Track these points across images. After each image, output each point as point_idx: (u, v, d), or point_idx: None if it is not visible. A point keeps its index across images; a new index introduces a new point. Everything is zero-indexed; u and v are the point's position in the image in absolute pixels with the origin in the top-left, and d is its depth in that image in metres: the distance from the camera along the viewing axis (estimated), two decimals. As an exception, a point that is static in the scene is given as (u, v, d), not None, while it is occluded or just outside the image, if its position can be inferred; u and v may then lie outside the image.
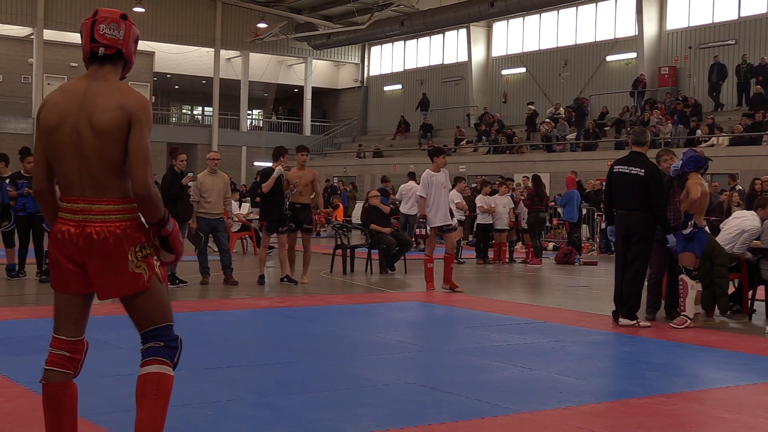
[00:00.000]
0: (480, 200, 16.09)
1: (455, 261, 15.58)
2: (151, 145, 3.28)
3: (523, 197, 17.19)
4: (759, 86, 23.78)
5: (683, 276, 8.23)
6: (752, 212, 9.42)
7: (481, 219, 16.10)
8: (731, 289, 9.54)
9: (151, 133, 3.27)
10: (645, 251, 8.29)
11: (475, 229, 16.66)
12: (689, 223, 8.20)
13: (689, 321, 8.18)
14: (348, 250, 13.46)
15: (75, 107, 3.23)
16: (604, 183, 19.61)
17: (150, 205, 3.21)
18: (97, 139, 3.19)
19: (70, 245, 3.23)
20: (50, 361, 3.32)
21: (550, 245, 19.35)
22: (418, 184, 19.20)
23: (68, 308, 3.34)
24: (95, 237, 3.19)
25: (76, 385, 3.39)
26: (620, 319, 8.26)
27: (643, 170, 8.25)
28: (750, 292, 9.45)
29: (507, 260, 16.41)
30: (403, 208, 17.73)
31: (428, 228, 10.95)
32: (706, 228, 8.80)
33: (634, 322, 8.18)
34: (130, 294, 3.26)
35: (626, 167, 8.38)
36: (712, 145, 22.01)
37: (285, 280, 11.39)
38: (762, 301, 9.62)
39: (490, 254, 16.36)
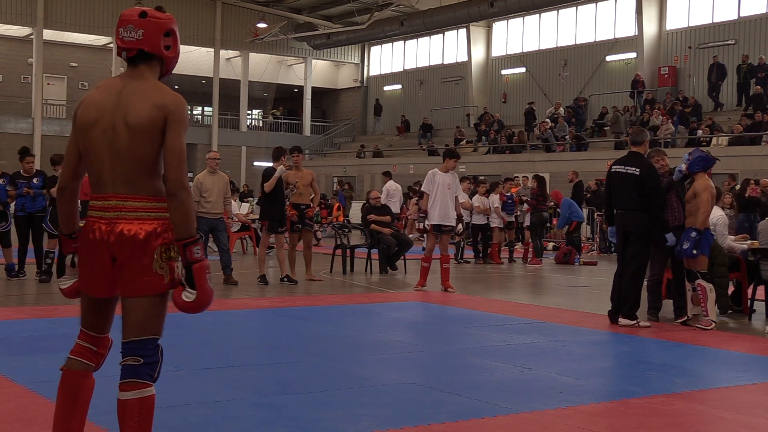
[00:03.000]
0: (477, 200, 16.08)
1: (456, 261, 15.69)
2: None
3: (525, 197, 17.20)
4: (759, 86, 23.77)
5: (701, 281, 8.22)
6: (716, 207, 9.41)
7: (476, 219, 16.09)
8: (730, 289, 9.55)
9: (186, 133, 3.26)
10: (642, 251, 8.29)
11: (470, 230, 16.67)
12: (692, 235, 8.20)
13: (714, 324, 8.21)
14: (348, 250, 13.46)
15: (111, 105, 3.23)
16: (599, 183, 19.83)
17: (179, 208, 3.15)
18: (131, 137, 3.18)
19: (101, 244, 3.20)
20: (76, 351, 3.33)
21: (550, 245, 19.36)
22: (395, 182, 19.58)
23: (94, 307, 3.34)
24: (126, 233, 3.16)
25: (95, 380, 3.38)
26: (620, 319, 8.26)
27: (638, 169, 8.28)
28: (750, 292, 9.46)
29: (502, 260, 16.48)
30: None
31: (426, 224, 10.96)
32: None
33: (634, 322, 8.18)
34: (147, 294, 3.20)
35: (623, 167, 8.42)
36: (710, 145, 21.99)
37: (285, 280, 11.41)
38: (762, 301, 9.62)
39: (492, 254, 16.39)
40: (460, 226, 11.49)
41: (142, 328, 3.22)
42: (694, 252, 8.20)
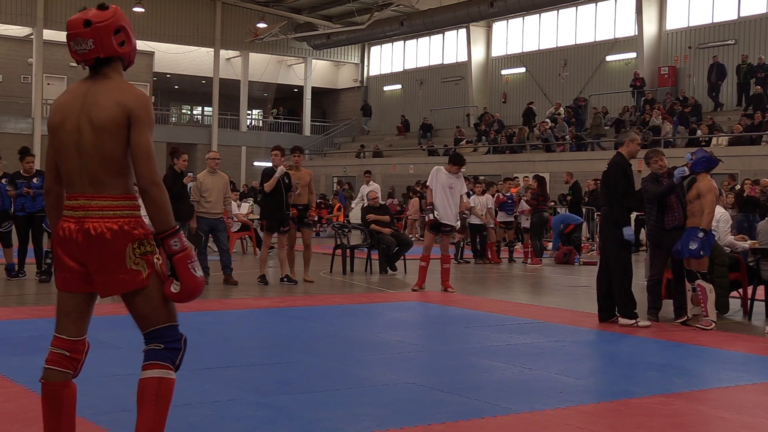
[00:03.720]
0: (474, 201, 16.04)
1: (456, 261, 15.68)
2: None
3: (525, 198, 17.20)
4: (759, 86, 23.77)
5: (700, 282, 8.22)
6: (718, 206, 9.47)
7: (473, 219, 16.06)
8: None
9: (152, 131, 3.28)
10: (621, 249, 8.32)
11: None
12: (699, 235, 8.20)
13: (714, 324, 8.21)
14: (348, 250, 13.46)
15: (77, 106, 3.28)
16: (596, 182, 19.81)
17: (152, 204, 3.20)
18: (95, 136, 3.22)
19: (70, 242, 3.25)
20: (50, 359, 3.34)
21: (550, 245, 19.34)
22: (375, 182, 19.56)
23: (69, 307, 3.36)
24: (93, 232, 3.21)
25: (76, 385, 3.39)
26: (620, 319, 8.27)
27: (606, 167, 8.45)
28: (750, 292, 9.46)
29: (501, 259, 16.50)
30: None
31: (427, 216, 10.90)
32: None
33: (634, 321, 8.18)
34: (128, 291, 3.26)
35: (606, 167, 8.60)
36: (710, 145, 21.98)
37: (285, 280, 11.41)
38: (762, 301, 9.62)
39: (489, 254, 16.39)
40: (458, 223, 11.47)
41: (153, 320, 3.30)
42: (702, 253, 8.21)
